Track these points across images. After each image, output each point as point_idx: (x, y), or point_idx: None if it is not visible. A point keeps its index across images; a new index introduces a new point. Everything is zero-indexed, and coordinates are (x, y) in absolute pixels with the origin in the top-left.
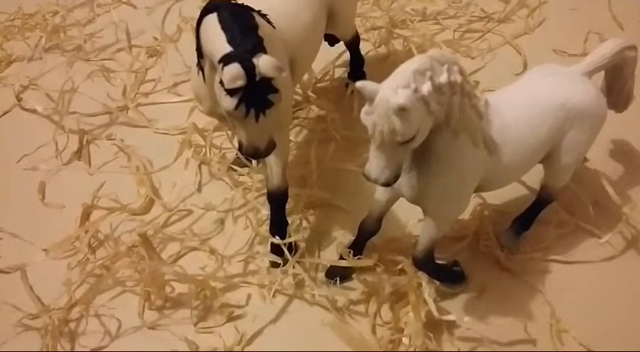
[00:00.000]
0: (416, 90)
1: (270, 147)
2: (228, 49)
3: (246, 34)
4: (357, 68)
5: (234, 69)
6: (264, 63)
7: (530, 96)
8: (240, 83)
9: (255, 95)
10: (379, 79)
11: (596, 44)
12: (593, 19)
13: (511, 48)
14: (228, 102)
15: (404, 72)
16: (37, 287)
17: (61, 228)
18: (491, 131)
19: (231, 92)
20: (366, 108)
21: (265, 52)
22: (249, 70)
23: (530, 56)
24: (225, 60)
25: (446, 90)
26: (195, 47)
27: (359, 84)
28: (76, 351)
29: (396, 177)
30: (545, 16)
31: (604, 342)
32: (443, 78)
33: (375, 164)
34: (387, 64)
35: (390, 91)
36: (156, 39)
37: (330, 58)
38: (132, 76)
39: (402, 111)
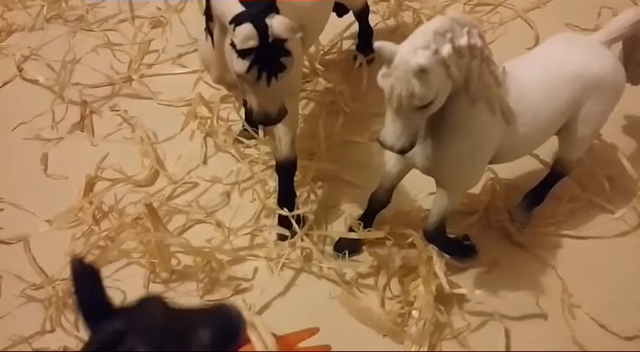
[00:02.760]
0: (436, 52)
1: (282, 113)
2: (240, 8)
3: None
4: (365, 40)
5: (247, 29)
6: (277, 23)
7: (547, 65)
8: (252, 43)
9: (268, 57)
10: None
11: (609, 19)
12: None
13: (523, 22)
14: (240, 65)
15: (423, 33)
16: (40, 258)
17: (64, 199)
18: (509, 100)
19: (242, 54)
20: (383, 70)
21: (278, 13)
22: (262, 30)
23: (542, 30)
24: (237, 20)
25: (465, 54)
26: (203, 13)
27: (377, 44)
28: (79, 323)
29: (412, 145)
30: None
31: (616, 318)
32: (463, 40)
33: (391, 130)
34: (396, 36)
35: (410, 52)
36: (159, 9)
37: (338, 30)
38: (135, 47)
39: (422, 72)
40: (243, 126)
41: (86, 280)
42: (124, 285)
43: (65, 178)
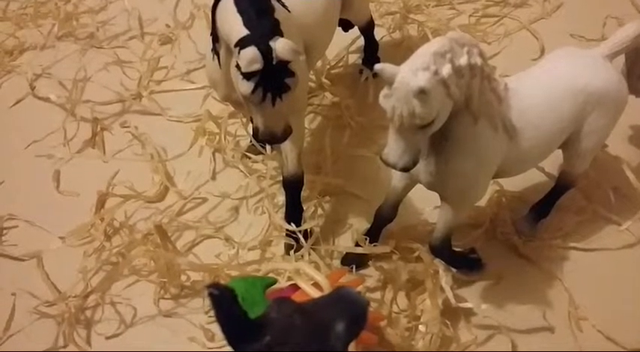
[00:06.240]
0: (436, 73)
1: (287, 132)
2: (244, 32)
3: (262, 17)
4: (371, 54)
5: (251, 52)
6: (280, 46)
7: (550, 80)
8: (256, 66)
9: (272, 79)
10: (394, 64)
11: (614, 29)
12: (611, 3)
13: (528, 33)
14: (245, 87)
15: (423, 54)
16: (53, 274)
17: (76, 216)
18: (511, 115)
19: (247, 76)
20: (384, 91)
21: (282, 36)
22: (266, 53)
23: (547, 41)
24: (242, 43)
25: (465, 73)
26: (209, 32)
27: (378, 66)
28: (91, 339)
29: (415, 162)
30: (562, 0)
31: (623, 330)
32: (463, 60)
33: (393, 149)
34: (401, 50)
35: (410, 74)
36: (168, 26)
37: (344, 44)
38: (145, 63)
39: (422, 93)
40: (250, 141)
41: (225, 305)
42: (135, 301)
43: (77, 195)
